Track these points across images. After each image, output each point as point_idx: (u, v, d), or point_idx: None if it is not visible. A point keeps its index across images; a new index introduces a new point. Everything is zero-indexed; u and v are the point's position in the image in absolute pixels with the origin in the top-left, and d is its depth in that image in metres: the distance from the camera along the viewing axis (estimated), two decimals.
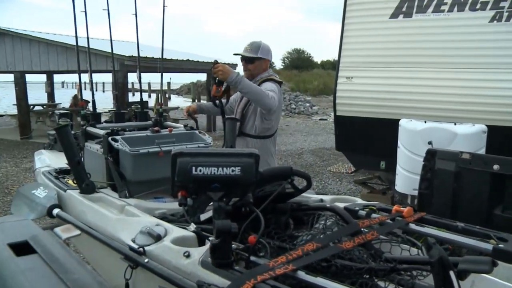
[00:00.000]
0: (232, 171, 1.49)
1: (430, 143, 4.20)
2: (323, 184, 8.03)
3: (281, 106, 3.57)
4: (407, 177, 4.56)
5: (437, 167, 2.67)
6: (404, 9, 5.99)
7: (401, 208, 1.98)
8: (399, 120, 4.78)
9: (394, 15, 6.06)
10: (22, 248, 1.01)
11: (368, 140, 6.26)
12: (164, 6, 3.07)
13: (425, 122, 4.60)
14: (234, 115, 3.51)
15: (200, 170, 1.48)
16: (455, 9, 5.46)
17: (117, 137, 2.45)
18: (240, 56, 3.54)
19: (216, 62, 3.09)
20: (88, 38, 2.88)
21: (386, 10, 6.12)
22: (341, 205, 2.07)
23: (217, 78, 3.06)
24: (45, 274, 0.88)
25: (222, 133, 3.22)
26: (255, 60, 3.48)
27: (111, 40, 3.11)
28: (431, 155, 2.69)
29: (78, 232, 1.41)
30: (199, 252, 1.54)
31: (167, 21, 3.22)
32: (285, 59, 52.88)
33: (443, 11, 5.56)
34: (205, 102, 3.65)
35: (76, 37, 2.81)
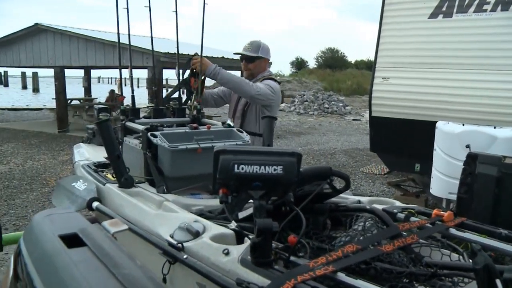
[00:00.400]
0: (274, 170, 1.49)
1: (468, 146, 4.11)
2: (356, 185, 7.96)
3: (278, 105, 3.69)
4: (443, 180, 4.49)
5: (477, 171, 2.62)
6: (444, 9, 5.88)
7: (441, 212, 1.94)
8: (435, 122, 4.70)
9: (433, 15, 5.96)
10: (72, 240, 1.04)
11: (403, 141, 6.18)
12: (204, 4, 3.09)
13: (463, 125, 4.51)
14: (233, 113, 3.55)
15: (242, 168, 1.48)
16: (499, 8, 5.32)
17: (156, 133, 2.47)
18: (240, 55, 3.62)
19: (195, 54, 3.24)
20: (129, 34, 2.91)
21: (425, 9, 6.02)
22: (379, 207, 2.05)
23: (195, 70, 3.19)
24: (96, 267, 0.90)
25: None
26: (256, 59, 3.56)
27: (151, 37, 3.14)
28: (472, 159, 2.64)
29: (126, 226, 1.43)
30: (238, 250, 1.54)
31: (199, 18, 3.25)
32: (319, 58, 52.64)
33: (485, 10, 5.42)
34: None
35: (118, 33, 2.84)
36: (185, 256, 1.66)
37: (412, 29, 6.18)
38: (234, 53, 3.69)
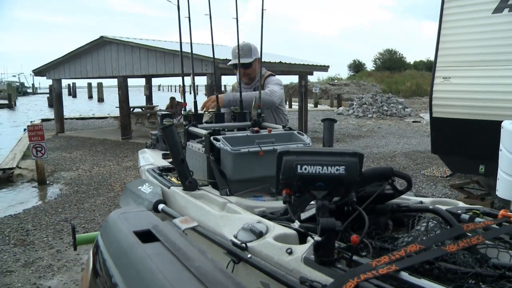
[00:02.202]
0: (337, 170, 1.51)
1: None
2: (417, 188, 7.78)
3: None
4: (510, 182, 4.32)
5: None
6: (510, 2, 5.65)
7: (509, 213, 1.89)
8: (501, 121, 4.53)
9: (498, 10, 5.74)
10: (145, 236, 1.12)
11: (466, 142, 6.00)
12: (262, 9, 3.15)
13: None
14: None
15: (305, 169, 1.51)
16: None
17: (219, 137, 2.54)
18: (232, 63, 3.63)
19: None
20: (191, 43, 3.02)
21: (489, 4, 5.82)
22: (442, 207, 2.02)
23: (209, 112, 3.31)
24: (169, 261, 0.97)
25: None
26: (253, 63, 3.60)
27: (212, 45, 3.23)
28: None
29: (195, 223, 1.50)
30: (302, 250, 1.57)
31: (256, 23, 3.29)
32: (377, 60, 51.79)
33: None
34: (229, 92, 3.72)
35: (181, 42, 2.94)
36: (249, 256, 1.70)
37: (474, 25, 5.99)
38: (234, 64, 3.63)
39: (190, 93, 3.20)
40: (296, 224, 1.68)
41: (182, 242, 1.04)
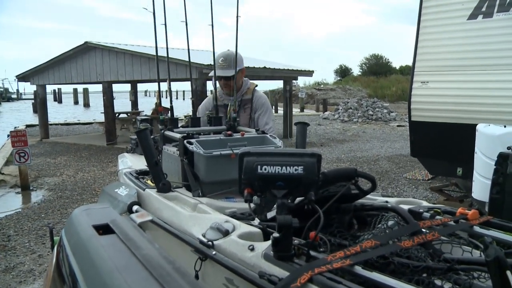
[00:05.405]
0: (295, 170, 1.57)
1: (510, 148, 4.05)
2: (398, 191, 7.89)
3: None
4: (484, 184, 4.42)
5: (509, 171, 2.61)
6: (483, 9, 5.82)
7: (466, 211, 1.97)
8: (476, 125, 4.65)
9: (473, 16, 5.90)
10: (103, 229, 1.22)
11: (444, 146, 6.13)
12: (237, 16, 3.22)
13: (505, 126, 4.44)
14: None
15: (265, 169, 1.57)
16: None
17: (192, 140, 2.60)
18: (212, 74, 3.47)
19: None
20: (167, 48, 3.09)
21: (464, 11, 5.98)
22: (406, 207, 2.09)
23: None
24: (121, 250, 1.07)
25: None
26: (235, 75, 3.40)
27: (188, 49, 3.30)
28: (503, 159, 2.64)
29: (150, 217, 1.58)
30: (263, 246, 1.63)
31: (247, 28, 3.35)
32: (363, 65, 52.26)
33: None
34: None
35: (156, 48, 3.02)
36: (214, 253, 1.78)
37: (451, 31, 6.14)
38: (214, 76, 3.48)
39: (177, 98, 3.25)
40: (256, 221, 1.75)
41: (134, 233, 1.14)
